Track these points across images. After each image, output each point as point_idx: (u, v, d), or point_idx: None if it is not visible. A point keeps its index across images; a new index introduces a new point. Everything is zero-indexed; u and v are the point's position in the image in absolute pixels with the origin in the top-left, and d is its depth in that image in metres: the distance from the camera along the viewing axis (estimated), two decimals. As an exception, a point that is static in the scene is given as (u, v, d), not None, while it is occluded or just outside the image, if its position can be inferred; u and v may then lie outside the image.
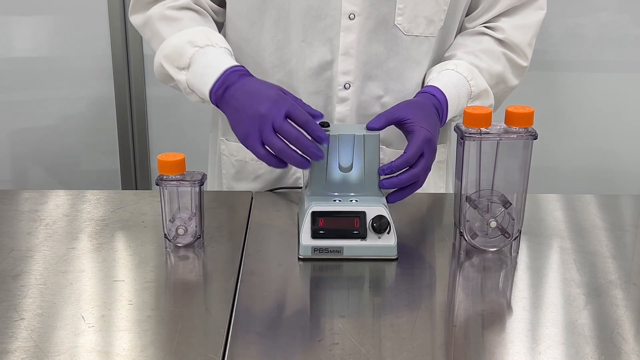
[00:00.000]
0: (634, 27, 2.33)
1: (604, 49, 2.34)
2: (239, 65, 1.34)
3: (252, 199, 1.45)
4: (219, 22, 1.52)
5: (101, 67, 2.37)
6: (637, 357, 0.98)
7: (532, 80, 2.24)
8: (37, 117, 2.42)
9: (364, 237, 1.21)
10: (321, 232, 1.21)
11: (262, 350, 0.99)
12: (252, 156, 1.54)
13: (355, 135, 1.25)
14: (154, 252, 1.24)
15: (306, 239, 1.21)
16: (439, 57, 1.50)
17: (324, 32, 1.42)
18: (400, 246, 1.22)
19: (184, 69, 1.37)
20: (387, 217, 1.21)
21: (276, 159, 1.23)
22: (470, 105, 1.44)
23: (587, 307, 1.09)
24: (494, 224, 1.23)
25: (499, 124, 1.20)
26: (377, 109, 1.45)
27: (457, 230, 1.25)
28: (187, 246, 1.25)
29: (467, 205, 1.23)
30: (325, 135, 1.22)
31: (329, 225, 1.21)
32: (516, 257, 1.25)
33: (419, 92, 1.43)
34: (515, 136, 1.19)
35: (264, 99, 1.23)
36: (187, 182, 1.22)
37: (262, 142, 1.22)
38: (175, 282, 1.19)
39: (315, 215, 1.21)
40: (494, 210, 1.23)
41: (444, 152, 1.62)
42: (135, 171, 2.49)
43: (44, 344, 0.98)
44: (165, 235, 1.24)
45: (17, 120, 2.43)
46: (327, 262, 1.21)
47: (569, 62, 2.37)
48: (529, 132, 1.19)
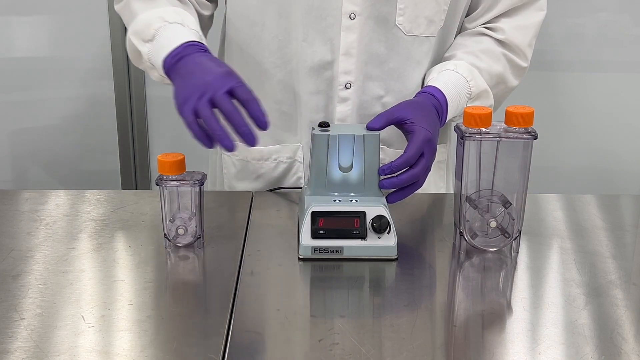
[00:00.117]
0: (634, 27, 2.33)
1: (604, 49, 2.34)
2: (201, 42, 1.29)
3: (252, 198, 1.45)
4: (203, 15, 1.49)
5: (101, 67, 2.37)
6: (637, 357, 0.98)
7: (532, 80, 2.24)
8: (37, 117, 2.42)
9: (364, 237, 1.21)
10: (321, 232, 1.21)
11: (262, 350, 0.99)
12: (254, 155, 1.55)
13: (355, 135, 1.25)
14: (154, 252, 1.25)
15: (306, 239, 1.21)
16: (439, 57, 1.50)
17: (324, 31, 1.42)
18: (400, 246, 1.22)
19: (148, 41, 1.32)
20: (387, 217, 1.21)
21: (203, 132, 1.14)
22: (469, 105, 1.45)
23: (587, 307, 1.09)
24: (494, 224, 1.23)
25: (499, 124, 1.20)
26: (377, 109, 1.45)
27: (457, 230, 1.25)
28: (187, 246, 1.25)
29: (467, 205, 1.23)
30: (265, 120, 1.14)
31: (329, 225, 1.21)
32: (516, 257, 1.25)
33: (418, 92, 1.43)
34: (515, 136, 1.19)
35: (212, 71, 1.19)
36: (187, 182, 1.22)
37: (195, 111, 1.15)
38: (175, 282, 1.19)
39: (315, 215, 1.21)
40: (494, 210, 1.23)
41: (444, 152, 1.62)
42: (135, 171, 2.49)
43: (44, 344, 0.98)
44: (165, 235, 1.24)
45: (17, 120, 2.42)
46: (327, 262, 1.21)
47: (569, 62, 2.36)
48: (529, 132, 1.19)
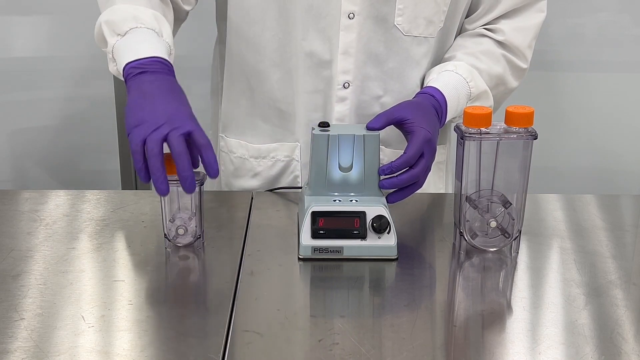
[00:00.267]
0: (634, 27, 2.33)
1: (604, 49, 2.34)
2: (168, 61, 1.26)
3: (252, 198, 1.45)
4: (184, 10, 1.47)
5: (101, 67, 2.35)
6: (637, 357, 0.98)
7: (532, 80, 2.23)
8: (37, 117, 2.41)
9: (364, 237, 1.21)
10: (321, 232, 1.21)
11: (262, 350, 0.99)
12: (251, 153, 1.55)
13: (355, 135, 1.25)
14: (154, 252, 1.24)
15: (306, 239, 1.21)
16: (438, 58, 1.50)
17: (323, 30, 1.42)
18: (400, 246, 1.22)
19: (119, 35, 1.30)
20: (387, 217, 1.21)
21: (145, 165, 1.12)
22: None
23: (587, 307, 1.09)
24: (494, 224, 1.23)
25: (499, 124, 1.20)
26: (376, 109, 1.45)
27: (457, 230, 1.25)
28: (187, 246, 1.25)
29: (467, 205, 1.23)
30: (216, 168, 1.12)
31: (329, 225, 1.21)
32: (516, 257, 1.25)
33: (418, 93, 1.43)
34: (515, 136, 1.19)
35: (175, 106, 1.16)
36: None
37: (145, 141, 1.11)
38: (175, 282, 1.19)
39: (315, 215, 1.21)
40: (494, 210, 1.23)
41: (444, 153, 1.62)
42: (135, 171, 2.49)
43: (44, 344, 0.98)
44: (165, 235, 1.24)
45: (17, 120, 2.42)
46: (327, 262, 1.21)
47: (569, 62, 2.36)
48: (529, 132, 1.19)
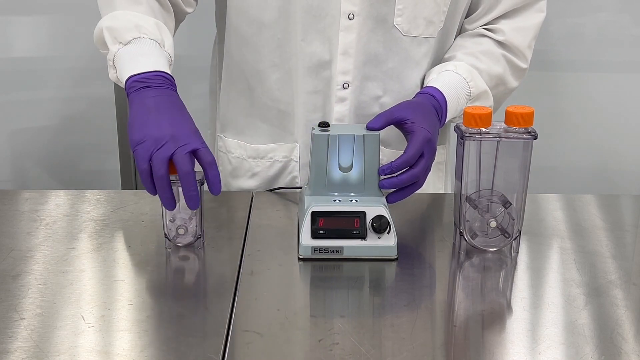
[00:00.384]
0: (634, 27, 2.33)
1: (604, 49, 2.34)
2: (171, 75, 1.27)
3: (252, 198, 1.45)
4: (185, 12, 1.47)
5: (101, 67, 2.35)
6: (637, 357, 0.98)
7: (532, 80, 2.23)
8: (37, 117, 2.41)
9: (364, 237, 1.21)
10: (321, 232, 1.21)
11: (262, 350, 0.99)
12: (250, 153, 1.55)
13: (355, 135, 1.25)
14: (154, 252, 1.24)
15: (306, 239, 1.21)
16: (438, 58, 1.50)
17: (323, 31, 1.42)
18: (400, 246, 1.22)
19: (121, 43, 1.30)
20: (387, 217, 1.21)
21: (152, 182, 1.14)
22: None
23: (587, 307, 1.09)
24: (494, 224, 1.23)
25: (499, 124, 1.20)
26: (375, 109, 1.45)
27: (457, 230, 1.25)
28: (187, 246, 1.25)
29: (467, 205, 1.23)
30: (219, 187, 1.16)
31: (329, 225, 1.21)
32: (516, 257, 1.25)
33: (418, 93, 1.43)
34: (515, 136, 1.19)
35: (184, 122, 1.17)
36: None
37: (151, 159, 1.13)
38: (175, 282, 1.19)
39: (315, 215, 1.21)
40: (494, 210, 1.23)
41: (443, 154, 1.62)
42: (135, 171, 2.49)
43: (44, 344, 0.98)
44: (165, 235, 1.24)
45: (17, 120, 2.42)
46: (327, 262, 1.21)
47: (569, 62, 2.36)
48: (529, 132, 1.19)
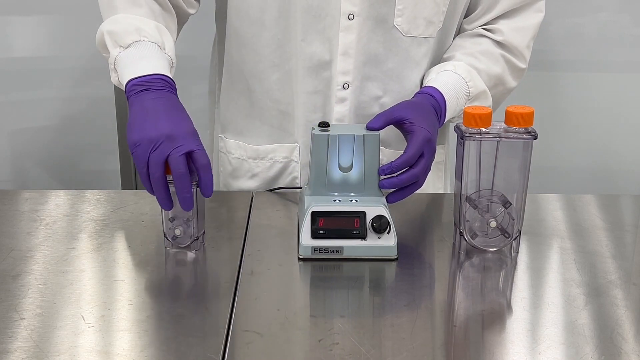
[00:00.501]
0: (634, 27, 2.33)
1: (604, 49, 2.34)
2: (171, 78, 1.27)
3: (252, 199, 1.45)
4: (188, 13, 1.48)
5: (101, 67, 2.35)
6: (637, 357, 0.98)
7: (532, 80, 2.23)
8: (37, 117, 2.41)
9: (364, 237, 1.21)
10: (321, 232, 1.21)
11: (262, 350, 0.99)
12: (250, 154, 1.55)
13: (355, 135, 1.25)
14: (154, 252, 1.24)
15: (306, 239, 1.21)
16: (437, 58, 1.50)
17: (323, 31, 1.42)
18: (400, 246, 1.22)
19: (121, 46, 1.31)
20: (387, 217, 1.21)
21: (149, 182, 1.17)
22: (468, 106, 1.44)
23: (587, 307, 1.09)
24: (494, 224, 1.23)
25: (499, 124, 1.20)
26: (375, 110, 1.45)
27: (457, 230, 1.25)
28: (187, 246, 1.25)
29: (467, 205, 1.23)
30: (211, 191, 1.17)
31: (329, 225, 1.21)
32: (516, 257, 1.25)
33: (417, 93, 1.43)
34: (515, 136, 1.19)
35: (181, 123, 1.18)
36: None
37: (147, 162, 1.15)
38: (175, 282, 1.19)
39: (315, 215, 1.21)
40: (494, 210, 1.23)
41: (442, 153, 1.62)
42: (135, 171, 2.49)
43: (44, 344, 0.98)
44: (164, 235, 1.24)
45: (17, 120, 2.42)
46: (327, 262, 1.21)
47: (569, 62, 2.36)
48: (529, 132, 1.19)
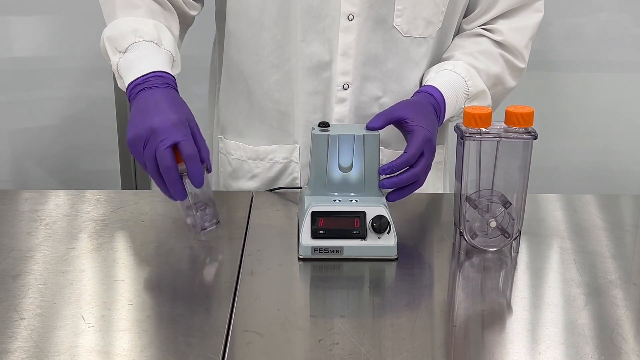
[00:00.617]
0: (634, 27, 2.33)
1: (604, 49, 2.34)
2: (168, 72, 1.30)
3: (252, 199, 1.45)
4: (189, 15, 1.49)
5: (101, 67, 2.35)
6: (637, 357, 0.98)
7: (532, 80, 2.23)
8: (37, 117, 2.41)
9: (364, 237, 1.21)
10: (321, 232, 1.21)
11: (262, 350, 0.99)
12: (250, 155, 1.55)
13: (355, 135, 1.25)
14: (154, 252, 1.24)
15: (306, 239, 1.21)
16: (437, 58, 1.50)
17: (323, 32, 1.42)
18: (400, 246, 1.22)
19: (120, 52, 1.32)
20: (387, 217, 1.21)
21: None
22: (467, 105, 1.44)
23: (587, 307, 1.09)
24: (494, 224, 1.23)
25: (499, 124, 1.20)
26: (375, 110, 1.45)
27: (457, 230, 1.25)
28: (210, 229, 1.26)
29: (467, 205, 1.23)
30: (200, 180, 1.19)
31: (329, 225, 1.21)
32: (516, 257, 1.25)
33: (416, 92, 1.43)
34: (515, 136, 1.19)
35: (167, 115, 1.20)
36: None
37: (140, 160, 1.21)
38: (175, 282, 1.19)
39: (315, 215, 1.21)
40: (494, 210, 1.23)
41: (442, 153, 1.62)
42: (135, 171, 2.49)
43: (44, 344, 0.98)
44: (193, 226, 1.25)
45: (17, 120, 2.42)
46: (327, 262, 1.21)
47: (569, 62, 2.36)
48: (529, 132, 1.19)
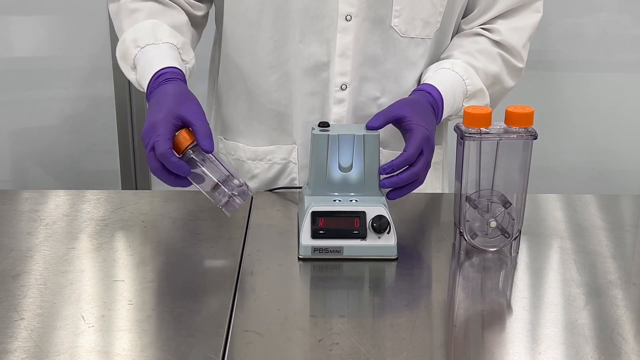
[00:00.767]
0: (634, 27, 2.33)
1: (604, 49, 2.34)
2: (169, 67, 1.32)
3: (252, 198, 1.45)
4: (196, 15, 1.50)
5: (101, 67, 2.37)
6: (637, 357, 0.98)
7: (532, 80, 2.24)
8: (37, 117, 2.42)
9: (364, 237, 1.21)
10: (321, 232, 1.21)
11: (262, 350, 0.99)
12: (249, 155, 1.55)
13: (355, 135, 1.25)
14: (154, 252, 1.25)
15: (306, 239, 1.21)
16: (435, 59, 1.50)
17: (321, 32, 1.41)
18: (400, 246, 1.22)
19: (133, 69, 1.38)
20: (387, 217, 1.21)
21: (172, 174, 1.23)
22: (465, 104, 1.44)
23: (587, 307, 1.09)
24: (494, 224, 1.23)
25: (499, 124, 1.20)
26: (373, 110, 1.44)
27: (457, 230, 1.25)
28: (241, 196, 1.25)
29: (467, 205, 1.23)
30: (182, 171, 1.20)
31: (329, 225, 1.21)
32: (516, 257, 1.25)
33: (414, 90, 1.43)
34: (515, 136, 1.19)
35: (150, 118, 1.23)
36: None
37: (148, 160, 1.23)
38: (175, 282, 1.19)
39: (315, 215, 1.21)
40: (494, 210, 1.23)
41: (440, 154, 1.61)
42: (135, 171, 2.49)
43: (44, 344, 0.98)
44: (226, 202, 1.24)
45: (17, 120, 2.42)
46: (327, 262, 1.21)
47: (569, 62, 2.36)
48: (529, 132, 1.19)
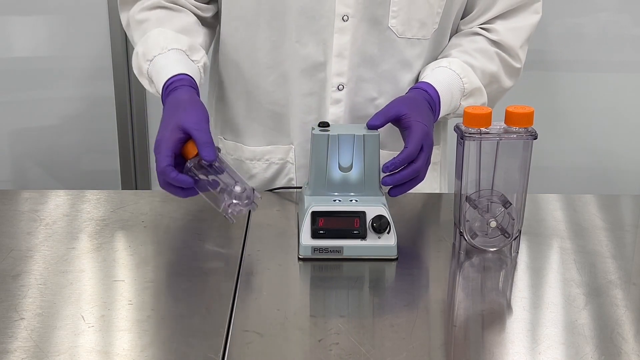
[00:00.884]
0: (634, 27, 2.33)
1: (604, 49, 2.34)
2: (175, 75, 1.34)
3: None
4: (205, 17, 1.51)
5: (101, 67, 2.37)
6: (637, 357, 0.98)
7: (532, 80, 2.24)
8: (37, 117, 2.41)
9: (364, 237, 1.21)
10: (321, 232, 1.21)
11: (262, 350, 0.99)
12: (247, 155, 1.55)
13: (355, 135, 1.25)
14: (154, 252, 1.25)
15: (306, 239, 1.21)
16: (432, 60, 1.49)
17: (318, 33, 1.41)
18: (400, 246, 1.22)
19: (150, 82, 1.40)
20: (387, 217, 1.21)
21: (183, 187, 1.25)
22: (463, 102, 1.44)
23: (587, 307, 1.09)
24: (494, 224, 1.23)
25: (499, 124, 1.20)
26: (371, 111, 1.44)
27: (457, 230, 1.25)
28: (248, 204, 1.24)
29: (467, 205, 1.23)
30: (185, 182, 1.21)
31: (329, 225, 1.21)
32: (516, 257, 1.25)
33: (411, 88, 1.43)
34: (515, 136, 1.19)
35: (158, 135, 1.24)
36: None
37: None
38: (175, 282, 1.19)
39: (315, 215, 1.21)
40: (494, 210, 1.23)
41: (438, 154, 1.61)
42: (135, 171, 2.49)
43: (44, 344, 0.98)
44: (226, 215, 1.24)
45: (17, 120, 2.42)
46: (327, 262, 1.21)
47: (569, 62, 2.36)
48: (529, 132, 1.19)
